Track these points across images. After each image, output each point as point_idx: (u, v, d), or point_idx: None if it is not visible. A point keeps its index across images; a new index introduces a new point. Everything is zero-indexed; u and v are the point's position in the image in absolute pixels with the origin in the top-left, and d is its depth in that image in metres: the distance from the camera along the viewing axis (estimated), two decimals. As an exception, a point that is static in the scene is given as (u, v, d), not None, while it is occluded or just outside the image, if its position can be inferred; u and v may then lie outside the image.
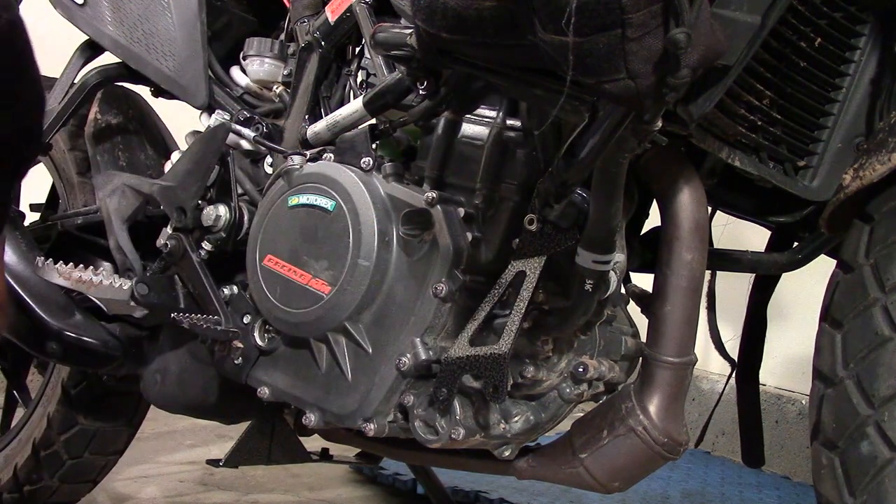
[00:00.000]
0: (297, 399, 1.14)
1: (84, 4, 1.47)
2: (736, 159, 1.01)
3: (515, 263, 0.97)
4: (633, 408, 0.99)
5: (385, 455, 1.38)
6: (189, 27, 1.38)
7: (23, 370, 1.85)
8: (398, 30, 1.02)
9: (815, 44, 1.02)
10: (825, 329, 0.93)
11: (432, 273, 1.03)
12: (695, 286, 0.98)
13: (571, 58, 0.73)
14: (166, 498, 1.99)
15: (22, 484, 1.70)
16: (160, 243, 1.29)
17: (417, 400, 1.04)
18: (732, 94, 0.97)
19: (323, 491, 2.13)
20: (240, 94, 1.40)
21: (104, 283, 1.28)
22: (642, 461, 1.00)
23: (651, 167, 1.01)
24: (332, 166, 1.12)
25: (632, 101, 0.76)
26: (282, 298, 1.13)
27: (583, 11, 0.71)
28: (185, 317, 1.22)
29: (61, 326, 1.35)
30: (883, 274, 0.88)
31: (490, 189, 1.06)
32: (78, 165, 1.64)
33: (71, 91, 1.50)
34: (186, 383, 1.34)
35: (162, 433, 2.49)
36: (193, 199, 1.26)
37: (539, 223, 0.96)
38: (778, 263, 1.16)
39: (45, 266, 1.28)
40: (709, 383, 2.84)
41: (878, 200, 0.93)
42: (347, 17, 1.24)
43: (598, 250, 0.95)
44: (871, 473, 0.84)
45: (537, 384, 1.05)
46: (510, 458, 1.10)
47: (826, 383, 0.91)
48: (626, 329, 1.12)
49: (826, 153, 1.08)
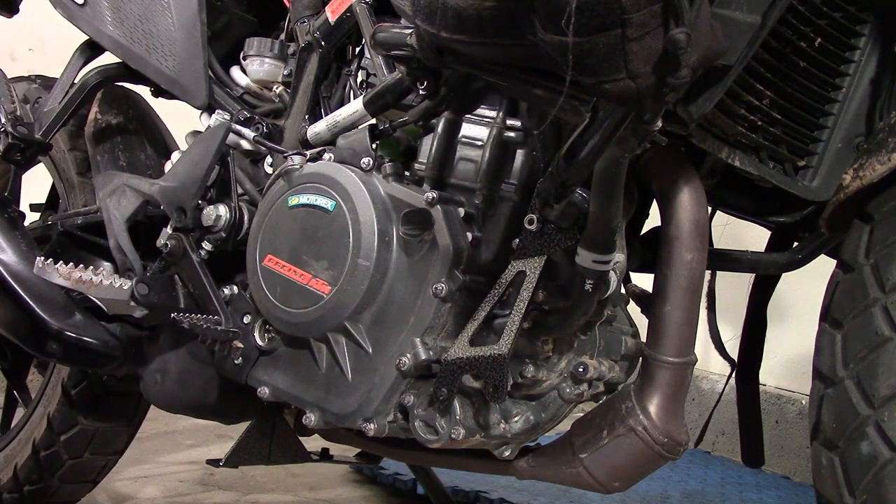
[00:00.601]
0: (297, 399, 1.14)
1: (84, 4, 1.47)
2: (736, 159, 1.01)
3: (515, 263, 0.97)
4: (633, 408, 0.99)
5: (385, 455, 1.38)
6: (189, 27, 1.38)
7: (23, 370, 1.85)
8: (398, 30, 1.02)
9: (815, 44, 1.02)
10: (825, 329, 0.93)
11: (432, 273, 1.03)
12: (695, 286, 0.98)
13: (571, 58, 0.73)
14: (166, 498, 1.99)
15: (22, 484, 1.70)
16: (160, 243, 1.29)
17: (417, 400, 1.04)
18: (732, 94, 0.97)
19: (323, 491, 2.13)
20: (240, 94, 1.40)
21: (104, 283, 1.28)
22: (642, 461, 1.00)
23: (651, 167, 1.01)
24: (332, 166, 1.12)
25: (632, 101, 0.76)
26: (282, 298, 1.13)
27: (583, 11, 0.71)
28: (185, 317, 1.22)
29: (61, 326, 1.35)
30: (883, 274, 0.88)
31: (490, 189, 1.06)
32: (78, 165, 1.65)
33: (71, 91, 1.50)
34: (186, 383, 1.34)
35: (162, 433, 2.49)
36: (193, 199, 1.26)
37: (539, 223, 0.96)
38: (778, 263, 1.16)
39: (45, 266, 1.28)
40: (709, 383, 2.84)
41: (878, 200, 0.93)
42: (347, 17, 1.24)
43: (598, 250, 0.95)
44: (871, 473, 0.84)
45: (537, 384, 1.05)
46: (510, 458, 1.10)
47: (826, 383, 0.91)
48: (626, 329, 1.12)
49: (826, 153, 1.08)
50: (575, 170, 0.89)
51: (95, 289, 1.28)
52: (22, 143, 1.47)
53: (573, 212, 0.95)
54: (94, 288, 1.28)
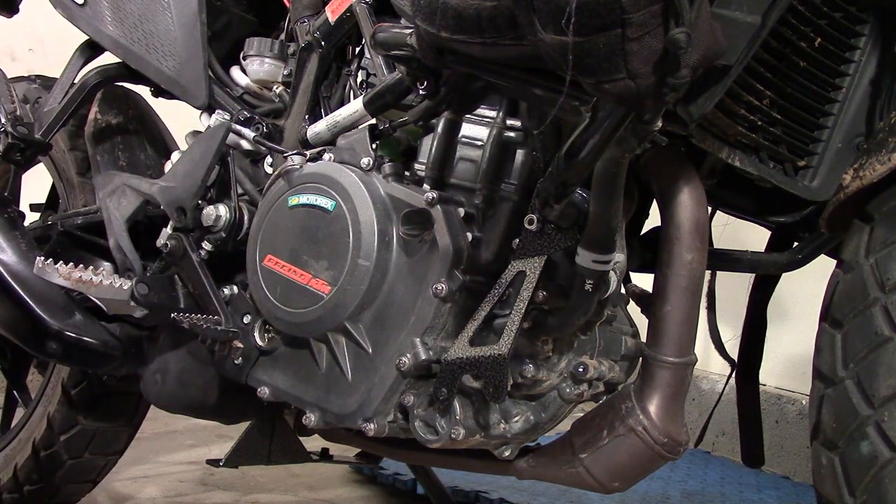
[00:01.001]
0: (298, 399, 1.14)
1: (84, 4, 1.47)
2: (736, 159, 1.01)
3: (515, 263, 0.97)
4: (633, 408, 0.99)
5: (385, 455, 1.38)
6: (189, 27, 1.38)
7: (23, 370, 1.86)
8: (398, 30, 1.02)
9: (815, 44, 1.02)
10: (825, 329, 0.93)
11: (432, 273, 1.03)
12: (695, 286, 0.98)
13: (571, 58, 0.73)
14: (166, 498, 1.99)
15: (22, 484, 1.70)
16: (160, 243, 1.29)
17: (417, 400, 1.04)
18: (732, 94, 0.97)
19: (323, 491, 2.13)
20: (240, 94, 1.40)
21: (104, 283, 1.28)
22: (642, 461, 1.00)
23: (651, 167, 1.01)
24: (332, 166, 1.12)
25: (632, 101, 0.76)
26: (282, 298, 1.13)
27: (583, 11, 0.71)
28: (185, 317, 1.22)
29: (61, 326, 1.35)
30: (883, 274, 0.88)
31: (490, 189, 1.06)
32: (78, 165, 1.65)
33: (71, 91, 1.50)
34: (186, 383, 1.34)
35: (162, 433, 2.49)
36: (193, 199, 1.26)
37: (539, 223, 0.96)
38: (778, 263, 1.16)
39: (45, 266, 1.28)
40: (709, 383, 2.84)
41: (878, 200, 0.93)
42: (347, 17, 1.24)
43: (598, 250, 0.95)
44: (871, 473, 0.84)
45: (537, 384, 1.05)
46: (510, 458, 1.10)
47: (826, 383, 0.91)
48: (626, 329, 1.12)
49: (826, 153, 1.08)
50: (575, 170, 0.89)
51: (95, 289, 1.28)
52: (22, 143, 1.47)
53: (573, 212, 0.95)
54: (94, 288, 1.28)
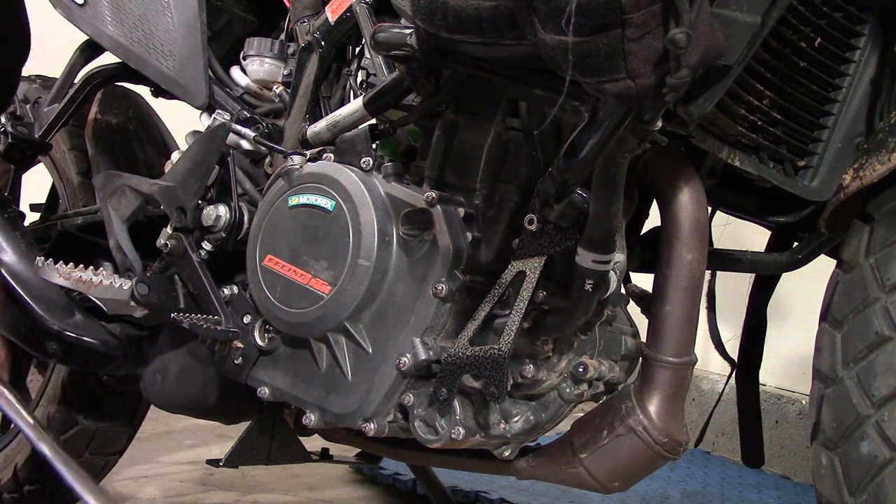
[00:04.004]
0: (298, 399, 1.14)
1: (84, 4, 1.46)
2: (736, 159, 1.01)
3: (515, 263, 0.97)
4: (633, 408, 0.99)
5: (385, 455, 1.38)
6: (189, 27, 1.38)
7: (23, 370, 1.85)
8: (398, 30, 1.02)
9: (815, 44, 1.02)
10: (825, 329, 0.93)
11: (432, 273, 1.03)
12: (695, 286, 0.98)
13: (571, 58, 0.73)
14: (166, 498, 1.99)
15: (22, 484, 1.70)
16: (160, 243, 1.29)
17: (417, 400, 1.04)
18: (732, 94, 0.97)
19: (323, 491, 2.13)
20: (240, 94, 1.40)
21: (104, 283, 1.28)
22: (642, 461, 1.00)
23: (651, 167, 1.01)
24: (332, 166, 1.12)
25: (632, 101, 0.76)
26: (282, 298, 1.13)
27: (583, 11, 0.71)
28: (185, 317, 1.22)
29: (61, 326, 1.35)
30: (883, 274, 0.88)
31: (490, 189, 1.06)
32: (78, 165, 1.65)
33: (71, 91, 1.50)
34: (186, 383, 1.34)
35: (162, 433, 2.49)
36: (193, 199, 1.26)
37: (539, 223, 0.96)
38: (778, 263, 1.16)
39: (45, 266, 1.28)
40: (709, 383, 2.84)
41: (878, 200, 0.93)
42: (347, 16, 1.24)
43: (598, 250, 0.95)
44: (871, 473, 0.84)
45: (537, 384, 1.05)
46: (510, 458, 1.10)
47: (826, 383, 0.91)
48: (626, 329, 1.12)
49: (826, 153, 1.08)
50: (575, 170, 0.89)
51: (95, 289, 1.28)
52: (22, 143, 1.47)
53: (573, 212, 0.95)
54: (94, 288, 1.28)
